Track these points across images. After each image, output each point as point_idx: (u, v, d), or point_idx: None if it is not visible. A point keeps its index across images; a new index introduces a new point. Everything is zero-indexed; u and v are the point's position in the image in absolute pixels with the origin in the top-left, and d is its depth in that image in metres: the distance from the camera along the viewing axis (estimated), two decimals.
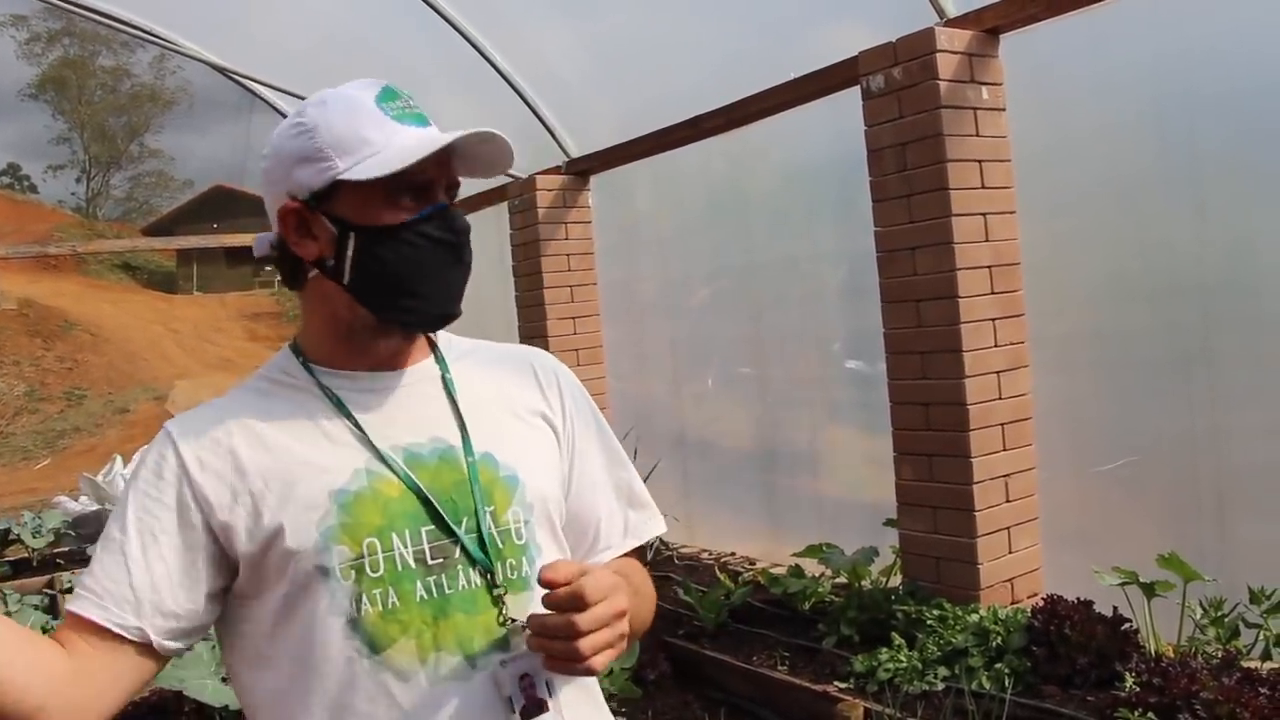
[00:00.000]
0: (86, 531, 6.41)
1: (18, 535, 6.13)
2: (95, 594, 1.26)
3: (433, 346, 1.50)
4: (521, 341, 5.85)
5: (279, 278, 1.50)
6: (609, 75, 5.72)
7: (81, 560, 5.73)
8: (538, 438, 1.50)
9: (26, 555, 6.08)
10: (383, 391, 1.41)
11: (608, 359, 5.98)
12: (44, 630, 4.33)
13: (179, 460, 1.32)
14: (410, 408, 1.41)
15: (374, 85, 1.38)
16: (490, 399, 1.47)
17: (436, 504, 1.34)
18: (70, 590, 4.97)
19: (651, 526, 1.61)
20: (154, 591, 1.27)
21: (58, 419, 20.97)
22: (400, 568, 1.30)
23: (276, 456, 1.33)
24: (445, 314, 1.40)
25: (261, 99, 6.86)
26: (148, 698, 3.49)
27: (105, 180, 42.64)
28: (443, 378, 1.46)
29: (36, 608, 4.58)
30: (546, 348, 5.65)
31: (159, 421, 1.40)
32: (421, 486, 1.34)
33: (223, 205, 33.89)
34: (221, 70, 6.40)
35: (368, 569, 1.29)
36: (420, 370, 1.46)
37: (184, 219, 34.81)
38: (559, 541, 1.48)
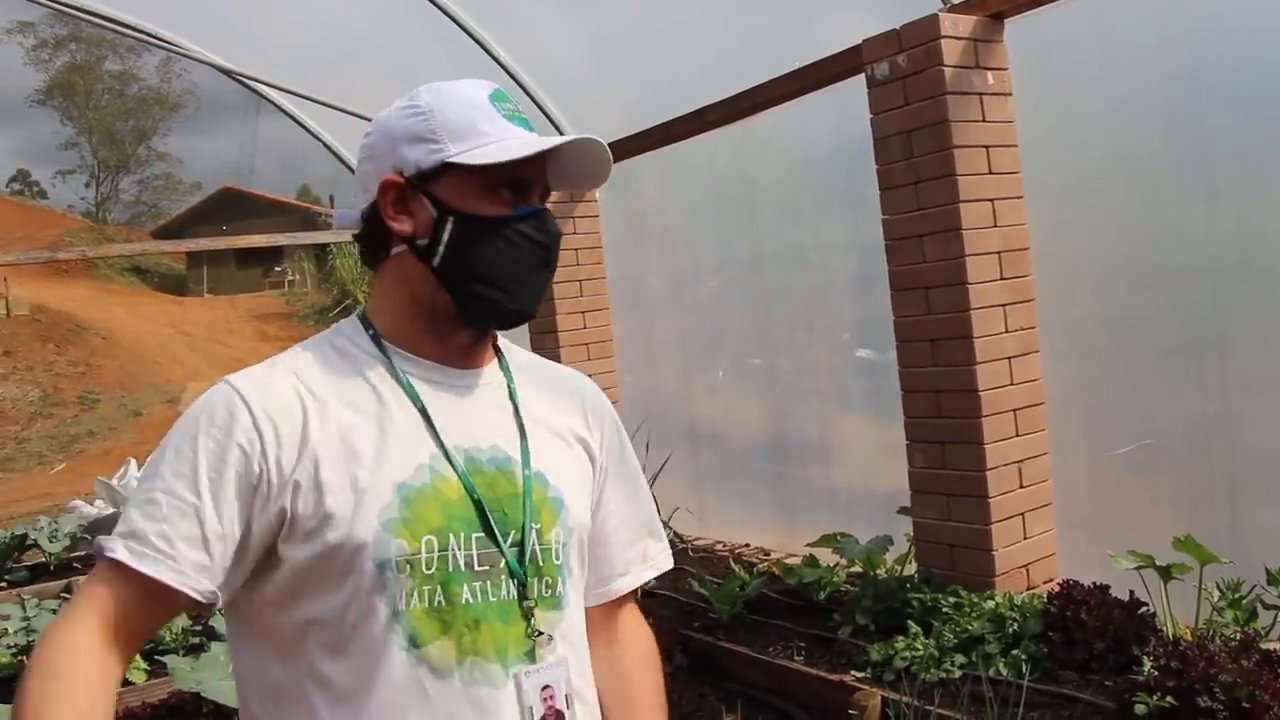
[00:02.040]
0: (102, 535, 6.43)
1: (34, 540, 6.15)
2: (168, 556, 1.25)
3: (498, 354, 1.52)
4: (531, 337, 5.87)
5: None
6: (612, 68, 5.72)
7: None
8: (579, 465, 1.52)
9: (44, 560, 6.11)
10: (453, 389, 1.42)
11: (618, 352, 5.98)
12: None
13: (251, 420, 1.30)
14: (477, 412, 1.43)
15: (486, 85, 1.41)
16: (544, 419, 1.50)
17: (489, 513, 1.36)
18: None
19: (665, 559, 1.68)
20: (224, 556, 1.28)
21: (72, 423, 21.04)
22: (451, 569, 1.32)
23: (343, 434, 1.33)
24: (523, 312, 1.42)
25: (267, 100, 6.86)
26: (166, 700, 3.51)
27: (114, 184, 42.83)
28: (509, 389, 1.48)
29: (54, 612, 4.59)
30: (556, 342, 5.71)
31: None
32: (480, 493, 1.36)
33: (231, 207, 33.99)
34: (227, 72, 6.40)
35: (422, 566, 1.30)
36: (489, 375, 1.48)
37: (193, 221, 34.92)
38: (584, 566, 1.51)
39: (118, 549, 1.27)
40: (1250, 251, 3.38)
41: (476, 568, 1.33)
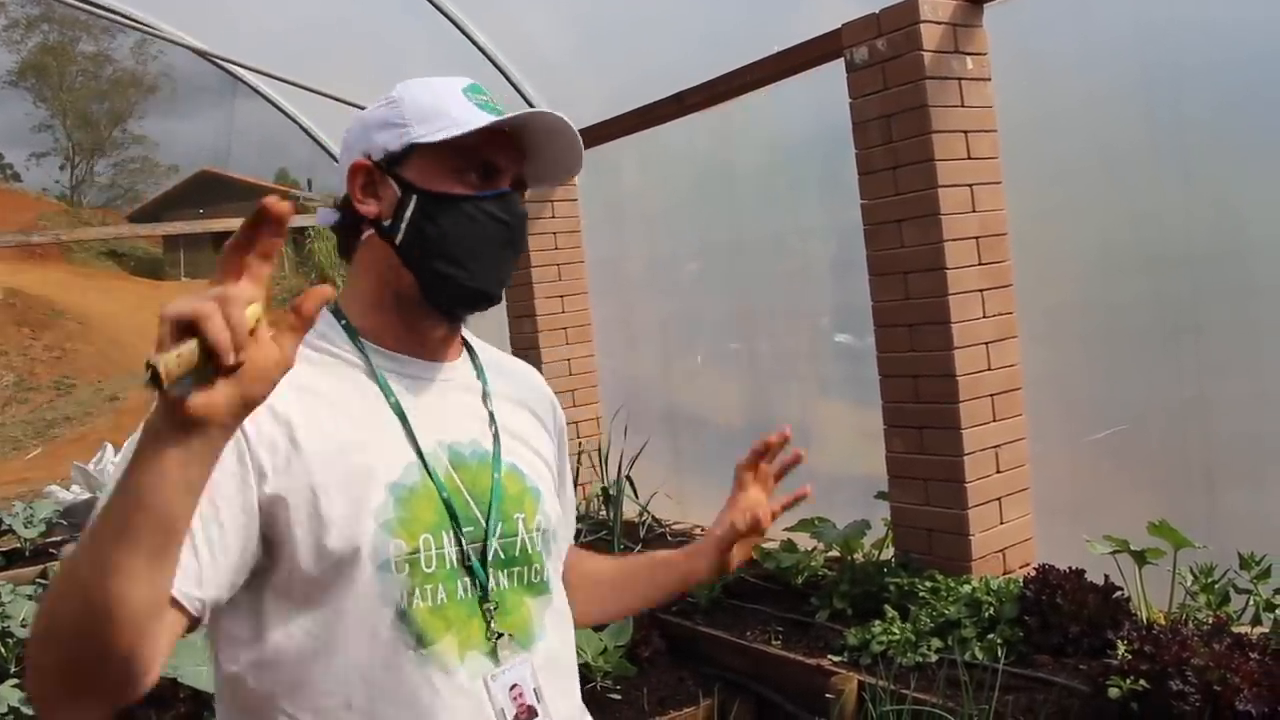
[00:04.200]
0: (78, 520, 6.39)
1: (9, 526, 6.10)
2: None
3: (469, 350, 1.55)
4: (510, 321, 5.86)
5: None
6: (593, 52, 5.69)
7: None
8: (541, 456, 1.56)
9: (19, 545, 6.07)
10: (429, 382, 1.43)
11: (596, 337, 5.97)
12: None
13: None
14: (453, 406, 1.45)
15: (463, 79, 1.44)
16: (510, 412, 1.53)
17: (476, 508, 1.39)
18: None
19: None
20: (213, 565, 1.20)
21: (47, 408, 20.92)
22: (448, 566, 1.33)
23: (329, 434, 1.30)
24: (486, 292, 1.43)
25: (244, 83, 6.81)
26: None
27: (89, 167, 42.35)
28: (481, 382, 1.51)
29: (30, 598, 4.56)
30: (534, 326, 5.71)
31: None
32: (464, 489, 1.38)
33: (208, 190, 33.72)
34: (203, 54, 6.34)
35: (422, 564, 1.31)
36: (460, 369, 1.50)
37: (170, 205, 34.63)
38: (560, 554, 1.59)
39: None
40: (1227, 239, 3.40)
41: (467, 563, 1.35)
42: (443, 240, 1.37)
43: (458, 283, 1.39)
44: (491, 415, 1.48)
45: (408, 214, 1.37)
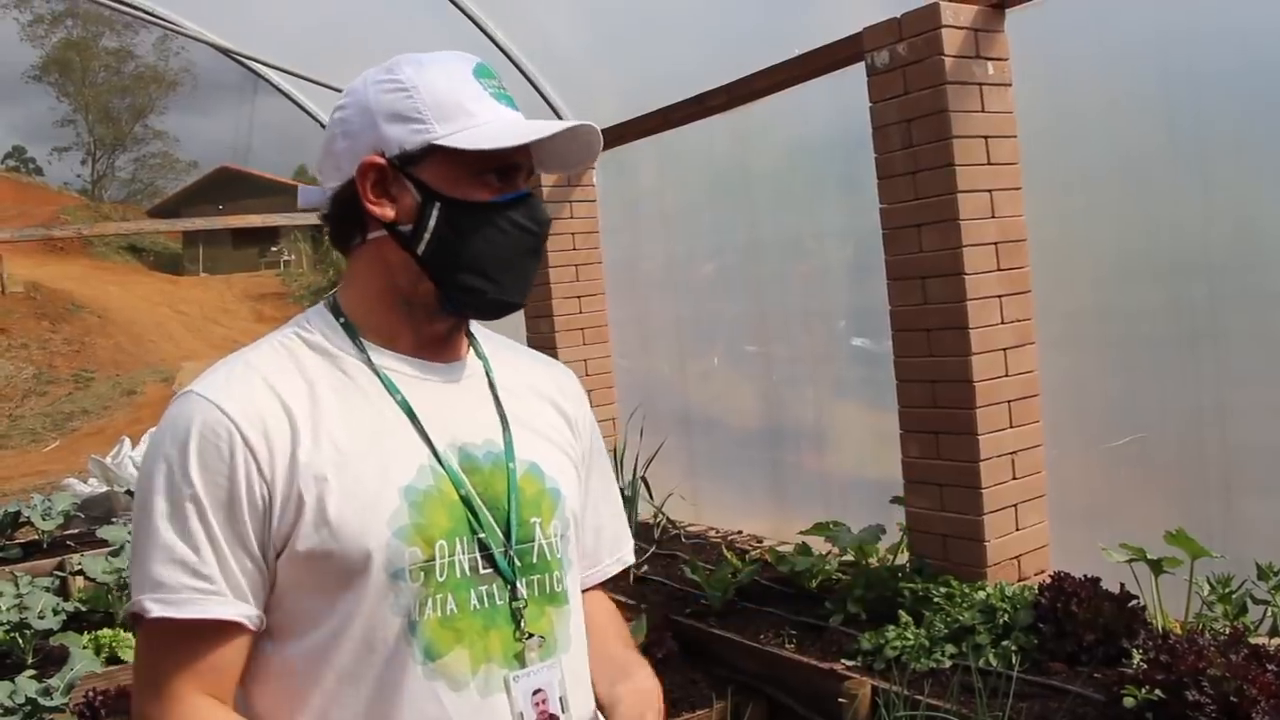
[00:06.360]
0: (96, 513, 6.43)
1: (27, 518, 6.13)
2: (206, 591, 1.19)
3: (470, 339, 1.46)
4: (526, 321, 5.87)
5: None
6: (612, 52, 5.69)
7: (91, 542, 5.74)
8: (566, 452, 1.47)
9: (36, 538, 6.10)
10: (435, 382, 1.36)
11: (613, 337, 5.98)
12: (54, 612, 4.33)
13: (240, 436, 1.21)
14: (463, 405, 1.37)
15: (469, 59, 1.33)
16: (527, 407, 1.44)
17: (489, 513, 1.31)
18: (80, 573, 4.97)
19: (631, 553, 1.66)
20: (255, 577, 1.22)
21: (66, 401, 21.04)
22: (459, 574, 1.26)
23: (337, 441, 1.25)
24: (511, 302, 1.36)
25: (264, 80, 6.83)
26: None
27: (110, 162, 42.72)
28: (488, 377, 1.43)
29: (47, 589, 4.59)
30: (551, 327, 5.70)
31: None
32: (475, 494, 1.31)
33: (228, 186, 33.95)
34: (224, 51, 6.37)
35: (436, 573, 1.24)
36: (468, 366, 1.42)
37: (189, 200, 34.88)
38: (578, 556, 1.49)
39: (151, 607, 1.18)
40: (1246, 246, 3.38)
41: (481, 571, 1.28)
42: (470, 252, 1.29)
43: (484, 295, 1.32)
44: (501, 409, 1.39)
45: (431, 223, 1.28)
